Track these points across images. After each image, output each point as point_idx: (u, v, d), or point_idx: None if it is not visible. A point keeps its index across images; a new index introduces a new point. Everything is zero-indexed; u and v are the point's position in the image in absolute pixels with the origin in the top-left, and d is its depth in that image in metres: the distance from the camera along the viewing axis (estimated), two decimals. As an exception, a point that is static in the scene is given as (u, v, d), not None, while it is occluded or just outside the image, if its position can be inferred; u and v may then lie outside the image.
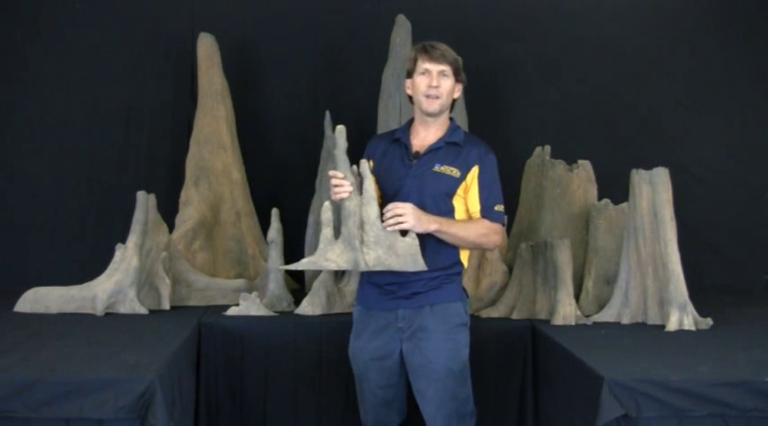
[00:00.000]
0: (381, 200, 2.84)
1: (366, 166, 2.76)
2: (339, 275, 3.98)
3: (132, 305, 3.65)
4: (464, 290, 2.94)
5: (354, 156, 2.79)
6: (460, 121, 3.38)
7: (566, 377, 3.06)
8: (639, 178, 3.61)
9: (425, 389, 2.83)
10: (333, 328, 3.50)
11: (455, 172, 2.83)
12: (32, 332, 3.21)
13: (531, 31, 5.06)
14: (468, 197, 2.86)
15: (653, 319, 3.57)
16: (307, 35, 5.01)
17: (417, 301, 2.82)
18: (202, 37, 4.67)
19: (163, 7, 4.97)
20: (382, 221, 2.72)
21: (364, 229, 2.73)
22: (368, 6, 4.98)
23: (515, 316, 3.74)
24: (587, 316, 3.68)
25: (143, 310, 3.66)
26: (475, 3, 5.07)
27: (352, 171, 2.75)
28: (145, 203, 3.80)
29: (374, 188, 2.76)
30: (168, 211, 4.25)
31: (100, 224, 4.81)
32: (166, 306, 3.80)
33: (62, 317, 3.58)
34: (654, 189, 3.57)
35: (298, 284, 4.41)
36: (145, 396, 2.49)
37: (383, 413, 2.94)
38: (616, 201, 4.04)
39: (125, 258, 3.70)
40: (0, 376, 2.54)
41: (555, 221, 4.18)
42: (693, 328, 3.39)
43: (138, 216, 3.78)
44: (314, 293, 3.77)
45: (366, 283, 2.92)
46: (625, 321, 3.61)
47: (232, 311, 3.66)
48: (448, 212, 2.84)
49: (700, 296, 3.57)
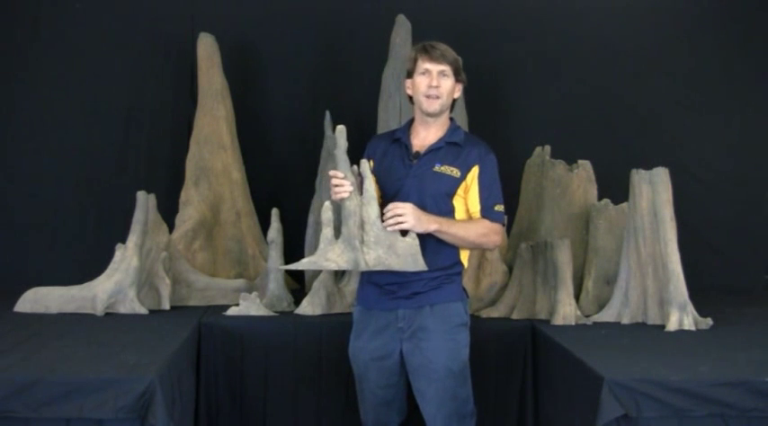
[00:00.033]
0: (381, 200, 2.84)
1: (366, 166, 2.76)
2: (339, 275, 3.97)
3: (132, 305, 3.65)
4: (464, 290, 2.94)
5: (354, 156, 2.78)
6: (460, 121, 3.38)
7: (566, 377, 3.05)
8: (639, 178, 3.61)
9: (425, 389, 2.83)
10: (333, 328, 3.50)
11: (455, 172, 2.83)
12: (32, 332, 3.21)
13: (531, 31, 5.06)
14: (468, 197, 2.86)
15: (653, 319, 3.57)
16: (307, 35, 5.00)
17: (417, 301, 2.81)
18: (202, 37, 4.67)
19: (163, 7, 4.97)
20: (382, 221, 2.72)
21: (364, 229, 2.73)
22: (368, 6, 4.97)
23: (515, 316, 3.74)
24: (587, 316, 3.68)
25: (143, 310, 3.66)
26: (475, 3, 5.07)
27: (352, 171, 2.75)
28: (145, 203, 3.80)
29: (374, 188, 2.76)
30: (168, 211, 4.25)
31: (100, 224, 4.81)
32: (166, 306, 3.80)
33: (62, 317, 3.58)
34: (654, 189, 3.57)
35: (298, 284, 4.41)
36: (145, 396, 2.49)
37: (383, 413, 2.94)
38: (616, 201, 4.04)
39: (125, 258, 3.70)
40: (0, 376, 2.54)
41: (555, 221, 4.18)
42: (693, 328, 3.39)
43: (138, 216, 3.78)
44: (314, 293, 3.77)
45: (366, 283, 2.92)
46: (625, 321, 3.61)
47: (232, 311, 3.66)
48: (448, 212, 2.84)
49: (700, 296, 3.57)
